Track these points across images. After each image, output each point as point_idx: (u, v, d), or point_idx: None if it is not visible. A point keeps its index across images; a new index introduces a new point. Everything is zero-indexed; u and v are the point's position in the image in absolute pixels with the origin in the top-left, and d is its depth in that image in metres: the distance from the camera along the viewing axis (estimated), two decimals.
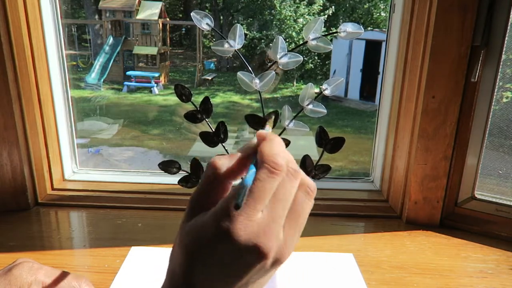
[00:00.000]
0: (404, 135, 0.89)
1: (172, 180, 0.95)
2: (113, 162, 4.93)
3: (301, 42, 0.60)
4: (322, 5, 9.57)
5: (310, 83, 0.60)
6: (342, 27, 0.57)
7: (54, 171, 0.98)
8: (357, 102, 8.22)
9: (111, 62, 8.70)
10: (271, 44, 0.59)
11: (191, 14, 0.57)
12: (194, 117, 0.62)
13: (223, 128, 0.62)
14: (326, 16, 9.41)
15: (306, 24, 0.57)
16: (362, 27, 0.57)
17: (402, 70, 0.88)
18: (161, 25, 9.31)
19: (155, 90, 8.28)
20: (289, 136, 0.60)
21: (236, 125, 5.60)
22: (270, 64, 0.60)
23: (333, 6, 9.60)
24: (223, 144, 0.63)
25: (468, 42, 0.77)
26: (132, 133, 6.10)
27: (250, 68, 0.60)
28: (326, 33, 0.58)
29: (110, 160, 5.00)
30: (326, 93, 0.60)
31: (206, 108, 0.62)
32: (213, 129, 0.62)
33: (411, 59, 0.85)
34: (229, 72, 9.98)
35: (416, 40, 0.83)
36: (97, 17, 9.98)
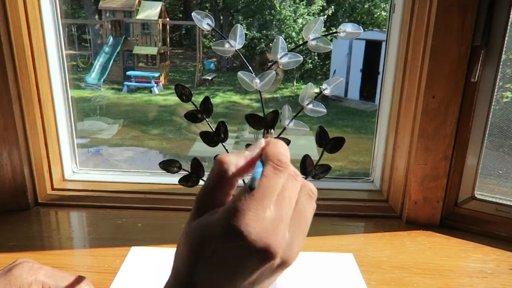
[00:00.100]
0: (404, 135, 0.89)
1: (172, 180, 0.95)
2: (113, 162, 4.93)
3: (300, 42, 0.60)
4: (321, 5, 9.57)
5: (310, 83, 0.60)
6: (342, 27, 0.57)
7: (54, 171, 0.98)
8: (357, 102, 8.22)
9: (111, 62, 8.69)
10: (271, 44, 0.59)
11: (192, 14, 0.57)
12: (194, 117, 0.62)
13: (223, 127, 0.62)
14: (325, 16, 9.41)
15: (306, 24, 0.57)
16: (361, 27, 0.57)
17: (402, 70, 0.88)
18: (161, 25, 9.30)
19: (155, 90, 8.28)
20: (289, 135, 0.60)
21: (236, 125, 5.60)
22: (270, 64, 0.60)
23: (332, 6, 9.60)
24: (223, 143, 0.63)
25: (468, 42, 0.77)
26: (132, 133, 6.10)
27: (250, 68, 0.61)
28: (326, 33, 0.58)
29: (110, 160, 5.00)
30: (326, 92, 0.60)
31: (207, 108, 0.62)
32: (213, 128, 0.63)
33: (411, 59, 0.85)
34: (229, 72, 9.97)
35: (416, 40, 0.83)
36: (97, 17, 9.97)
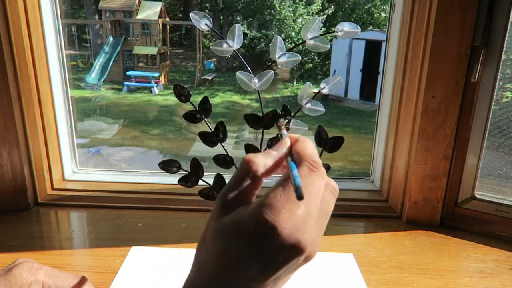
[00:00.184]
0: (404, 135, 0.89)
1: (172, 180, 0.95)
2: (113, 162, 4.93)
3: (300, 42, 0.60)
4: (321, 5, 9.57)
5: (308, 82, 0.60)
6: (339, 27, 0.58)
7: (54, 171, 0.98)
8: (357, 102, 8.22)
9: (111, 62, 8.70)
10: (271, 44, 0.59)
11: (190, 14, 0.57)
12: (193, 117, 0.62)
13: (222, 128, 0.62)
14: (325, 16, 9.41)
15: (304, 24, 0.57)
16: (359, 27, 0.57)
17: (402, 70, 0.88)
18: (161, 25, 9.31)
19: (155, 90, 8.28)
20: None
21: (236, 125, 5.60)
22: (270, 64, 0.60)
23: (332, 6, 9.60)
24: (223, 144, 0.63)
25: (468, 42, 0.77)
26: (132, 133, 6.10)
27: (249, 68, 0.61)
28: (324, 32, 0.58)
29: (110, 160, 5.01)
30: (324, 92, 0.60)
31: (205, 108, 0.62)
32: (212, 129, 0.63)
33: (411, 59, 0.85)
34: (229, 72, 9.98)
35: (416, 40, 0.83)
36: (97, 17, 9.98)
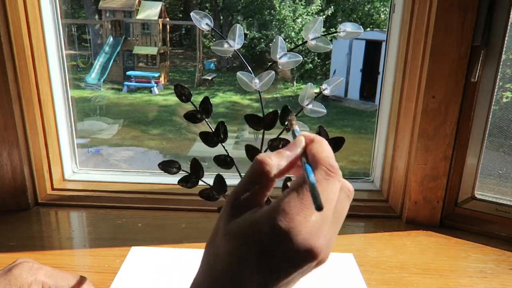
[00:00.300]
0: (404, 135, 0.89)
1: (172, 180, 0.95)
2: (113, 162, 4.93)
3: (300, 42, 0.60)
4: (320, 5, 9.57)
5: (309, 83, 0.60)
6: (342, 27, 0.58)
7: (54, 171, 0.98)
8: (357, 102, 8.22)
9: (111, 62, 8.69)
10: (271, 44, 0.59)
11: (191, 14, 0.57)
12: (193, 117, 0.62)
13: (223, 128, 0.62)
14: (325, 16, 9.41)
15: (305, 24, 0.57)
16: (361, 27, 0.57)
17: (402, 70, 0.88)
18: (161, 25, 9.30)
19: (155, 90, 8.28)
20: (289, 135, 0.60)
21: (236, 125, 5.60)
22: (270, 64, 0.60)
23: (332, 6, 9.60)
24: (223, 144, 0.63)
25: (468, 42, 0.77)
26: (132, 133, 6.10)
27: (250, 68, 0.60)
28: (326, 33, 0.58)
29: (110, 160, 5.00)
30: (326, 93, 0.60)
31: (206, 108, 0.62)
32: (212, 129, 0.62)
33: (411, 59, 0.85)
34: (229, 72, 9.97)
35: (416, 40, 0.83)
36: (97, 17, 9.97)
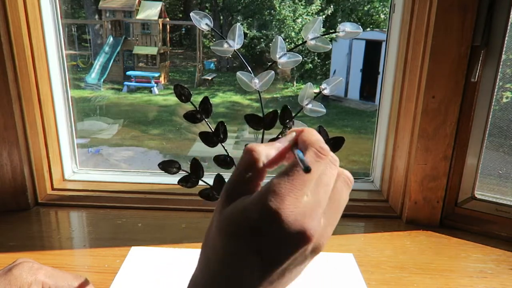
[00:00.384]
0: (404, 135, 0.89)
1: (172, 180, 0.95)
2: (113, 162, 4.93)
3: (300, 42, 0.60)
4: (320, 5, 9.56)
5: (309, 83, 0.60)
6: (341, 27, 0.58)
7: (54, 171, 0.98)
8: (357, 102, 8.22)
9: (111, 62, 8.70)
10: (271, 44, 0.59)
11: (191, 14, 0.57)
12: (193, 117, 0.62)
13: (223, 128, 0.62)
14: (324, 16, 9.41)
15: (305, 24, 0.57)
16: (360, 27, 0.57)
17: (402, 70, 0.88)
18: (161, 25, 9.31)
19: (155, 90, 8.28)
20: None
21: (236, 125, 5.60)
22: (270, 64, 0.60)
23: (332, 6, 9.60)
24: (223, 144, 0.63)
25: (468, 42, 0.77)
26: (132, 133, 6.10)
27: (249, 68, 0.61)
28: (325, 32, 0.58)
29: (110, 160, 5.01)
30: (325, 92, 0.60)
31: (206, 108, 0.62)
32: (212, 129, 0.62)
33: (411, 59, 0.85)
34: (229, 72, 9.97)
35: (416, 40, 0.83)
36: (97, 17, 9.97)
